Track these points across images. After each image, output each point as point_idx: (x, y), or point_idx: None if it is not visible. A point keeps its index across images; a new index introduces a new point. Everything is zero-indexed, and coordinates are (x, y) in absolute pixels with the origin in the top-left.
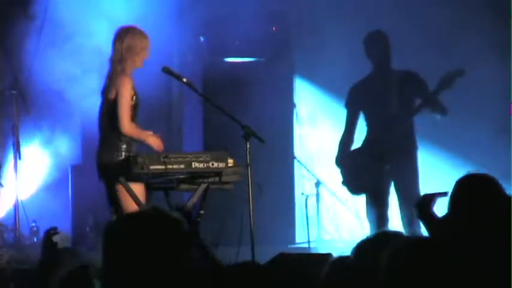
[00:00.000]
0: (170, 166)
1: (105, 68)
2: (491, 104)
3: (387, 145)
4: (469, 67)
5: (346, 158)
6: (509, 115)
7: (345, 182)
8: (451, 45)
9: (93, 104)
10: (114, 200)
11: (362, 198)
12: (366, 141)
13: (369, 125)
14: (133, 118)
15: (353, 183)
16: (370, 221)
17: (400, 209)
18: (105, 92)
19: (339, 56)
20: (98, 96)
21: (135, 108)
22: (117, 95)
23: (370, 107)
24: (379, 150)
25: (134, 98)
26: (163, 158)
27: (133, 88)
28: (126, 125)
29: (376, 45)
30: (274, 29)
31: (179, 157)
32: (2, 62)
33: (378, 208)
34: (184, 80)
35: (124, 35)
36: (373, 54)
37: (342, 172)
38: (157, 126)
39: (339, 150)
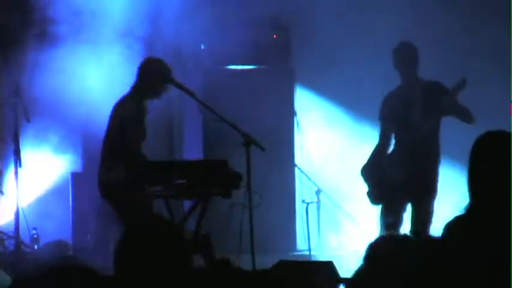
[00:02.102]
0: (170, 174)
1: (106, 76)
2: (491, 110)
3: (412, 159)
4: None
5: (371, 169)
6: (509, 118)
7: (368, 193)
8: (451, 50)
9: (94, 112)
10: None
11: (363, 208)
12: (393, 153)
13: (396, 138)
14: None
15: (374, 194)
16: (380, 233)
17: (411, 226)
18: (113, 113)
19: (340, 64)
20: (98, 105)
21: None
22: (121, 120)
23: (399, 120)
24: (404, 163)
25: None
26: (163, 165)
27: (142, 111)
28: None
29: (403, 56)
30: (274, 36)
31: (179, 165)
32: (2, 70)
33: (390, 221)
34: (185, 87)
35: (150, 66)
36: (399, 65)
37: (366, 182)
38: (158, 134)
39: (368, 160)
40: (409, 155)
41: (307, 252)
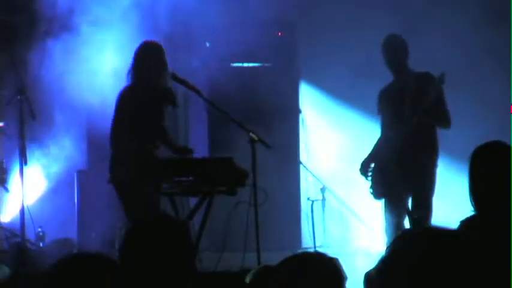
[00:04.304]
0: (176, 171)
1: (110, 74)
2: (491, 109)
3: (408, 152)
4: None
5: (369, 163)
6: (509, 118)
7: (370, 187)
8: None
9: (99, 109)
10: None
11: (366, 205)
12: (390, 148)
13: (393, 131)
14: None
15: (375, 189)
16: (385, 228)
17: (408, 215)
18: (121, 102)
19: (345, 62)
20: (105, 103)
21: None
22: (137, 107)
23: (393, 114)
24: (401, 157)
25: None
26: (169, 163)
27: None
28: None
29: (391, 49)
30: (279, 34)
31: (185, 162)
32: (7, 67)
33: (394, 216)
34: (190, 85)
35: (147, 50)
36: (389, 59)
37: (364, 176)
38: None
39: (369, 154)
40: (400, 150)
41: (312, 250)
